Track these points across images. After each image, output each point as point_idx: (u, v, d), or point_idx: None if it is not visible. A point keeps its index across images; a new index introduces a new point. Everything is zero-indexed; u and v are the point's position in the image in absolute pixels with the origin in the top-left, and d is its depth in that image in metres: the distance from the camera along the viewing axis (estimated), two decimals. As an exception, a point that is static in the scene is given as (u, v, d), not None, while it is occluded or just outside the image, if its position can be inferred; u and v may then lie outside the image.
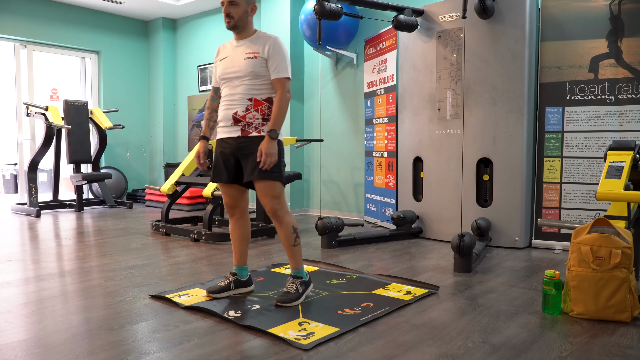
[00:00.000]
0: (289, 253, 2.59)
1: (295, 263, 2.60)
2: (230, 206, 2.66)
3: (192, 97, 7.56)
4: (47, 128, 5.99)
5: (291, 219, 2.57)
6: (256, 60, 2.50)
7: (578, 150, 3.92)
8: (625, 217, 2.54)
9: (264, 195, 2.50)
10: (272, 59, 2.50)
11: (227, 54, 2.60)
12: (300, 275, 2.60)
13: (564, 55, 3.93)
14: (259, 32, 2.59)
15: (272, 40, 2.52)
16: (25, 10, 6.56)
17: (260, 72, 2.50)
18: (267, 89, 2.54)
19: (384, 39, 4.95)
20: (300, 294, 2.54)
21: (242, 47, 2.55)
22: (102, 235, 4.58)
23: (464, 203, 4.14)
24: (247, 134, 2.52)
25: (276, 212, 2.52)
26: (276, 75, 2.50)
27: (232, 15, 2.50)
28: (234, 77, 2.53)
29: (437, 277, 3.10)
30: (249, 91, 2.51)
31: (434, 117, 4.36)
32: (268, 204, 2.51)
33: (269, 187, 2.49)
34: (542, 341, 2.06)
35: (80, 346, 1.96)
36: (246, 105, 2.51)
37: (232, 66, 2.54)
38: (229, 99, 2.55)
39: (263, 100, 2.53)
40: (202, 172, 4.95)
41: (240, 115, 2.52)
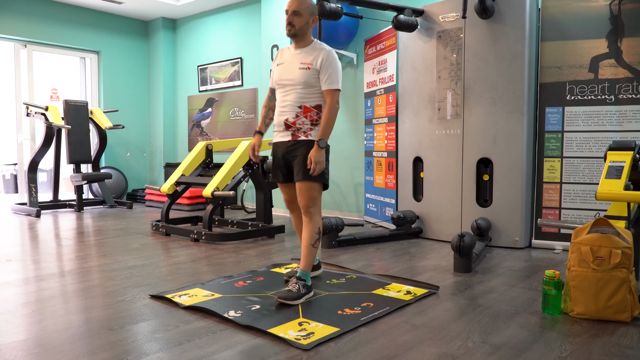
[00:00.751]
0: (305, 251, 2.70)
1: (305, 264, 2.69)
2: (289, 202, 2.90)
3: (192, 97, 7.56)
4: (47, 128, 5.99)
5: (319, 220, 2.72)
6: (309, 72, 2.66)
7: (578, 150, 3.92)
8: (625, 217, 2.54)
9: (302, 194, 2.67)
10: (324, 70, 2.65)
11: (284, 60, 2.77)
12: (305, 278, 2.66)
13: (564, 55, 3.93)
14: (316, 42, 2.75)
15: (326, 52, 2.67)
16: (25, 10, 6.56)
17: (311, 82, 2.67)
18: (317, 96, 2.70)
19: (384, 39, 4.95)
20: (301, 294, 2.57)
21: (299, 56, 2.72)
22: (102, 235, 4.59)
23: (464, 203, 4.14)
24: (296, 138, 2.70)
25: (309, 210, 2.68)
26: (327, 87, 2.66)
27: (294, 24, 2.67)
28: (287, 84, 2.71)
29: (437, 277, 3.10)
30: (300, 99, 2.68)
31: (434, 117, 4.36)
32: (303, 201, 2.68)
33: (308, 187, 2.67)
34: (542, 341, 2.06)
35: (80, 346, 1.96)
36: (296, 112, 2.69)
37: (287, 74, 2.72)
38: (281, 105, 2.75)
39: (312, 107, 2.70)
40: (202, 172, 4.95)
41: (291, 122, 2.70)
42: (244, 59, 6.84)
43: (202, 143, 4.98)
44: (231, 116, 7.05)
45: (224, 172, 4.43)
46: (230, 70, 7.01)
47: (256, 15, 6.60)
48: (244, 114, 6.87)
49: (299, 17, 2.66)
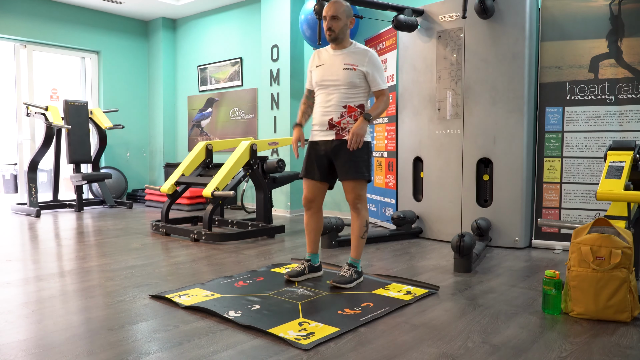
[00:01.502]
0: (355, 243, 2.89)
1: (356, 253, 2.89)
2: (309, 200, 2.93)
3: (192, 97, 7.56)
4: (47, 128, 5.99)
5: (367, 214, 2.89)
6: (355, 72, 2.73)
7: (578, 150, 3.92)
8: (625, 217, 2.54)
9: (350, 191, 2.80)
10: (372, 73, 2.74)
11: (324, 62, 2.81)
12: (356, 265, 2.88)
13: (564, 55, 3.93)
14: (355, 44, 2.81)
15: (370, 54, 2.76)
16: (25, 10, 6.56)
17: (357, 82, 2.74)
18: (360, 96, 2.78)
19: (384, 39, 4.95)
20: (353, 279, 2.81)
21: (341, 57, 2.76)
22: (102, 235, 4.58)
23: (464, 203, 4.14)
24: (341, 137, 2.77)
25: (356, 205, 2.83)
26: (377, 88, 2.77)
27: (334, 29, 2.76)
28: (330, 85, 2.77)
29: (437, 277, 3.10)
30: (344, 99, 2.75)
31: (434, 117, 4.36)
32: (351, 198, 2.81)
33: (355, 185, 2.78)
34: (542, 341, 2.06)
35: (80, 346, 1.96)
36: (341, 112, 2.76)
37: (330, 74, 2.77)
38: (324, 105, 2.80)
39: (356, 107, 2.77)
40: (202, 172, 4.95)
41: (336, 122, 2.77)
42: (244, 59, 6.84)
43: (202, 143, 4.98)
44: (231, 116, 7.05)
45: (224, 172, 4.42)
46: (230, 70, 7.01)
47: (256, 15, 6.60)
48: (244, 114, 6.87)
49: (337, 21, 2.72)
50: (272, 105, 6.16)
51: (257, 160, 4.67)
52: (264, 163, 4.79)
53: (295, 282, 2.90)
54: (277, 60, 6.06)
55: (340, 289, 2.74)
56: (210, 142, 5.02)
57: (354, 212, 2.86)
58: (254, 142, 4.62)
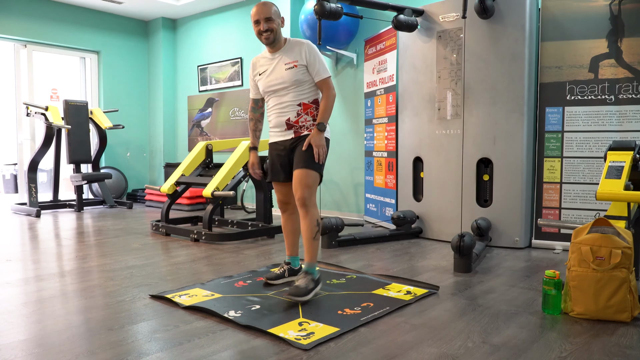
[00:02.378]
0: (307, 246, 2.65)
1: (309, 257, 2.66)
2: (283, 202, 2.86)
3: (192, 97, 7.56)
4: (47, 128, 5.99)
5: (317, 212, 2.67)
6: (297, 69, 2.66)
7: (578, 150, 3.92)
8: (625, 217, 2.54)
9: (299, 182, 2.62)
10: (312, 64, 2.67)
11: (265, 68, 2.76)
12: (312, 271, 2.63)
13: (564, 55, 3.93)
14: (289, 39, 2.75)
15: (306, 45, 2.69)
16: (25, 10, 6.56)
17: (302, 78, 2.68)
18: (312, 91, 2.72)
19: (384, 39, 4.95)
20: (310, 289, 2.55)
21: (279, 58, 2.71)
22: (102, 235, 4.58)
23: (464, 203, 4.14)
24: (299, 134, 2.71)
25: (304, 201, 2.62)
26: (319, 78, 2.68)
27: (272, 29, 2.66)
28: (279, 88, 2.71)
29: (437, 277, 3.10)
30: (297, 97, 2.69)
31: (434, 117, 4.36)
32: (299, 191, 2.62)
33: (304, 175, 2.62)
34: (542, 341, 2.06)
35: (80, 346, 1.96)
36: (297, 111, 2.70)
37: (275, 78, 2.70)
38: (278, 107, 2.73)
39: (310, 102, 2.72)
40: (202, 172, 4.95)
41: (293, 121, 2.71)
42: (243, 59, 6.84)
43: (202, 143, 4.98)
44: (231, 116, 7.05)
45: (224, 172, 4.43)
46: (230, 70, 7.01)
47: (256, 15, 6.59)
48: (244, 114, 6.87)
49: (272, 22, 2.66)
50: (272, 105, 6.15)
51: (257, 160, 4.67)
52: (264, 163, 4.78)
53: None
54: (277, 60, 6.06)
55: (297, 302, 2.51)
56: (210, 142, 5.02)
57: (301, 209, 2.63)
58: (254, 142, 4.61)
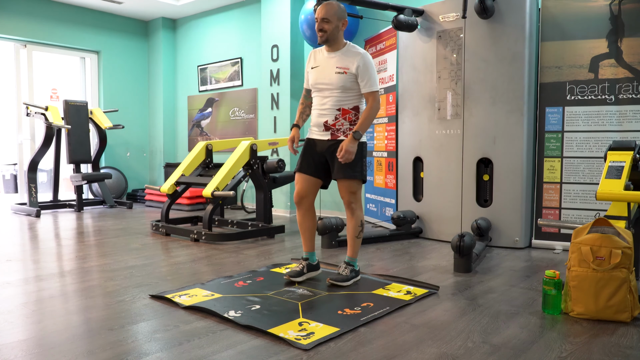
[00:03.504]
0: (350, 242, 2.91)
1: (352, 252, 2.92)
2: (301, 195, 2.90)
3: (192, 97, 7.56)
4: (47, 128, 5.99)
5: (362, 214, 2.90)
6: (346, 76, 2.75)
7: (578, 150, 3.92)
8: (625, 217, 2.54)
9: (344, 190, 2.83)
10: (362, 75, 2.74)
11: (318, 63, 2.84)
12: (353, 263, 2.91)
13: (564, 55, 3.93)
14: (349, 45, 2.81)
15: (361, 56, 2.75)
16: (25, 10, 6.56)
17: (349, 86, 2.77)
18: (354, 99, 2.81)
19: (384, 39, 4.95)
20: (350, 277, 2.85)
21: (334, 59, 2.78)
22: (102, 235, 4.58)
23: (464, 203, 4.14)
24: (336, 137, 2.82)
25: (351, 205, 2.85)
26: (367, 90, 2.78)
27: (325, 30, 2.75)
28: (324, 88, 2.81)
29: (437, 277, 3.10)
30: (338, 102, 2.79)
31: (434, 117, 4.36)
32: (346, 197, 2.84)
33: (349, 185, 2.81)
34: (542, 341, 2.06)
35: (80, 346, 1.96)
36: (335, 115, 2.81)
37: (323, 77, 2.80)
38: (319, 107, 2.85)
39: (350, 109, 2.81)
40: (202, 172, 4.95)
41: (331, 124, 2.82)
42: (244, 59, 6.84)
43: (202, 143, 4.98)
44: (231, 116, 7.05)
45: (224, 172, 4.42)
46: (230, 70, 7.01)
47: (256, 15, 6.60)
48: (244, 114, 6.87)
49: (328, 23, 2.73)
50: (272, 105, 6.16)
51: (257, 160, 4.67)
52: (264, 163, 4.79)
53: (296, 283, 2.90)
54: (277, 60, 6.06)
55: (338, 287, 2.79)
56: (210, 142, 5.02)
57: (348, 211, 2.88)
58: (254, 142, 4.62)
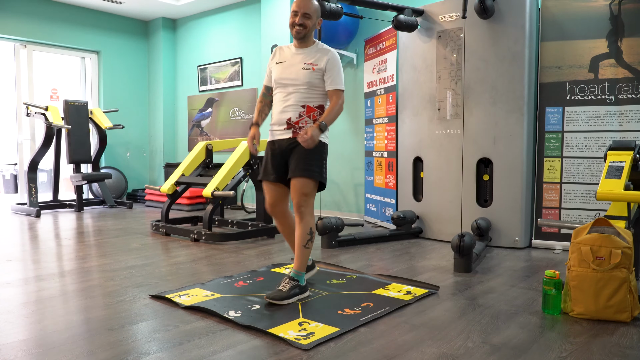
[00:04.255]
0: (297, 253, 2.66)
1: (298, 265, 2.64)
2: (271, 204, 2.78)
3: (192, 97, 7.56)
4: (47, 128, 5.99)
5: (311, 220, 2.66)
6: (314, 72, 2.66)
7: (578, 150, 3.92)
8: (625, 217, 2.54)
9: (296, 190, 2.62)
10: (329, 72, 2.66)
11: (284, 59, 2.74)
12: (298, 279, 2.61)
13: (564, 55, 3.93)
14: (318, 43, 2.76)
15: (331, 53, 2.69)
16: (25, 10, 6.56)
17: (315, 83, 2.67)
18: (319, 97, 2.71)
19: (384, 39, 4.95)
20: (291, 295, 2.54)
21: (301, 55, 2.71)
22: (102, 235, 4.58)
23: (464, 203, 4.14)
24: (297, 135, 2.64)
25: (300, 208, 2.63)
26: (332, 87, 2.67)
27: (306, 26, 2.66)
28: (289, 84, 2.69)
29: (437, 277, 3.10)
30: (303, 99, 2.67)
31: (434, 117, 4.36)
32: (296, 198, 2.63)
33: (302, 184, 2.61)
34: (542, 341, 2.06)
35: (80, 346, 1.96)
36: (299, 112, 2.68)
37: (289, 73, 2.69)
38: (283, 104, 2.71)
39: (315, 107, 2.70)
40: (202, 172, 4.95)
41: (294, 122, 2.69)
42: (244, 59, 6.84)
43: (202, 143, 4.98)
44: (231, 116, 7.05)
45: (224, 172, 4.43)
46: (230, 70, 7.01)
47: (256, 15, 6.60)
48: (244, 114, 6.87)
49: (309, 19, 2.66)
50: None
51: (257, 160, 4.67)
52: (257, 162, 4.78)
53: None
54: (277, 60, 6.06)
55: (275, 306, 2.46)
56: (210, 142, 5.02)
57: (297, 216, 2.64)
58: (254, 142, 4.61)
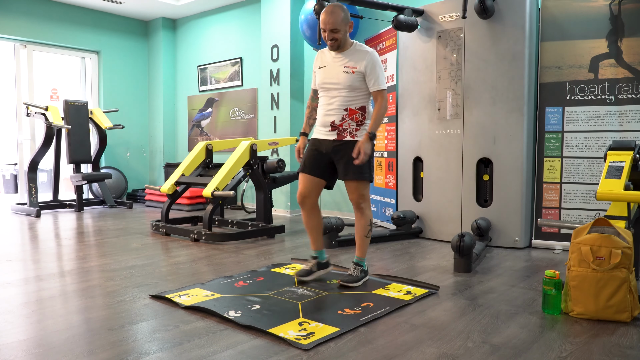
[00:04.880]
0: (359, 242, 2.91)
1: (361, 252, 2.92)
2: (303, 195, 2.89)
3: (192, 97, 7.56)
4: (47, 128, 5.99)
5: (371, 213, 2.90)
6: (354, 75, 2.74)
7: (578, 150, 3.92)
8: (625, 217, 2.54)
9: (353, 191, 2.82)
10: (370, 74, 2.74)
11: (326, 63, 2.83)
12: (362, 264, 2.92)
13: (564, 55, 3.93)
14: (356, 44, 2.81)
15: (370, 55, 2.75)
16: (25, 10, 6.56)
17: (356, 85, 2.75)
18: (361, 99, 2.80)
19: (384, 39, 4.95)
20: (360, 278, 2.87)
21: (341, 59, 2.77)
22: (102, 235, 4.58)
23: (464, 203, 4.14)
24: (342, 138, 2.79)
25: (360, 205, 2.84)
26: (376, 88, 2.76)
27: (337, 39, 2.75)
28: (332, 88, 2.79)
29: (437, 277, 3.10)
30: (345, 102, 2.77)
31: (434, 117, 4.36)
32: (354, 198, 2.83)
33: (358, 185, 2.80)
34: (542, 341, 2.06)
35: (80, 346, 1.96)
36: (342, 115, 2.78)
37: (330, 77, 2.79)
38: (326, 107, 2.82)
39: (357, 109, 2.79)
40: (202, 172, 4.95)
41: (337, 124, 2.79)
42: (244, 59, 6.84)
43: (202, 143, 4.98)
44: (231, 116, 7.05)
45: (224, 172, 4.42)
46: (230, 70, 7.01)
47: (256, 15, 6.60)
48: (244, 114, 6.87)
49: (338, 32, 2.73)
50: (272, 105, 6.16)
51: (257, 160, 4.67)
52: (264, 163, 4.79)
53: (296, 283, 2.90)
54: (277, 60, 6.06)
55: (349, 288, 2.79)
56: (210, 142, 5.01)
57: (357, 212, 2.87)
58: (254, 142, 4.62)
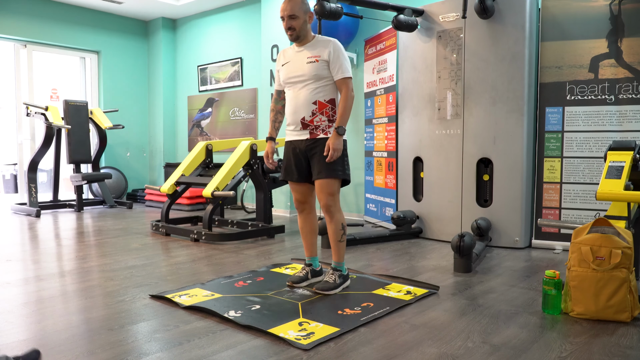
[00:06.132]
0: (334, 247, 2.78)
1: (337, 257, 2.79)
2: (300, 202, 2.86)
3: (192, 97, 7.56)
4: (47, 128, 5.99)
5: (341, 216, 2.76)
6: (318, 64, 2.67)
7: (578, 150, 3.92)
8: (625, 217, 2.54)
9: (322, 191, 2.69)
10: (334, 61, 2.67)
11: (289, 59, 2.78)
12: (340, 268, 2.79)
13: (564, 55, 3.93)
14: (318, 36, 2.77)
15: (332, 43, 2.69)
16: (25, 10, 6.56)
17: (322, 74, 2.68)
18: (329, 90, 2.72)
19: (384, 39, 4.95)
20: (338, 284, 2.72)
21: (304, 52, 2.73)
22: (102, 235, 4.58)
23: (464, 203, 4.14)
24: (315, 136, 2.71)
25: (329, 208, 2.71)
26: (340, 76, 2.68)
27: (294, 28, 2.68)
28: (297, 82, 2.72)
29: (437, 277, 3.10)
30: (313, 94, 2.69)
31: (434, 117, 4.36)
32: (323, 199, 2.70)
33: (326, 184, 2.68)
34: (542, 341, 2.06)
35: (80, 346, 1.96)
36: (312, 110, 2.69)
37: (295, 70, 2.72)
38: (294, 102, 2.73)
39: (326, 102, 2.71)
40: (202, 172, 4.95)
41: (308, 120, 2.70)
42: (244, 59, 6.84)
43: (202, 143, 4.98)
44: (231, 116, 7.05)
45: (224, 172, 4.42)
46: (230, 70, 7.01)
47: (256, 15, 6.60)
48: (244, 114, 6.87)
49: (295, 20, 2.67)
50: (272, 105, 6.15)
51: (257, 160, 4.67)
52: (264, 163, 4.79)
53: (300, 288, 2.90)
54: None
55: (326, 295, 2.66)
56: (210, 142, 5.02)
57: (326, 215, 2.74)
58: (254, 142, 4.62)
